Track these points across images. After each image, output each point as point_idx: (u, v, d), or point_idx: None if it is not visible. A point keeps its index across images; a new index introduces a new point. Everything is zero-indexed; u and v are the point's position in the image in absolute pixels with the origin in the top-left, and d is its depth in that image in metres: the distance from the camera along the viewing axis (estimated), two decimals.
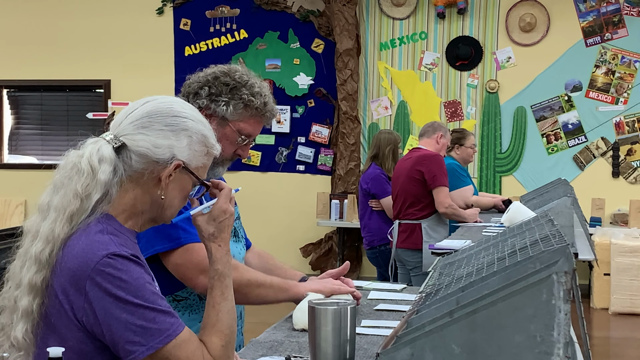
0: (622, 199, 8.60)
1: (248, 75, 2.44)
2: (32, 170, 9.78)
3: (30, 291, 1.65)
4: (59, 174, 1.72)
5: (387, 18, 9.20)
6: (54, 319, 1.66)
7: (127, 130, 1.74)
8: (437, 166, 5.64)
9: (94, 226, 1.69)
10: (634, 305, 7.53)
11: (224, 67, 2.45)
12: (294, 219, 9.35)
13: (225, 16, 9.48)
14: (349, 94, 9.04)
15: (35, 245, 1.67)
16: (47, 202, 1.71)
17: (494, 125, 8.99)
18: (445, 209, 5.62)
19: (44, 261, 1.65)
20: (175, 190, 1.78)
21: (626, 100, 8.75)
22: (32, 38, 9.75)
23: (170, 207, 1.80)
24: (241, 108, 2.39)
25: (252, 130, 2.44)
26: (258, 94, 2.40)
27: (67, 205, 1.68)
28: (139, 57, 9.55)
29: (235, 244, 2.52)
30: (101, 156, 1.70)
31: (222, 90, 2.38)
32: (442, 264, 2.32)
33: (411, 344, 1.31)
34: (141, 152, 1.73)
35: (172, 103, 1.80)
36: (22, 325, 1.65)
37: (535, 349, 1.25)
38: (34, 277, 1.65)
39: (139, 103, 1.79)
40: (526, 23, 8.89)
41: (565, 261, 1.27)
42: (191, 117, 1.80)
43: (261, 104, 2.41)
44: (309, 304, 1.84)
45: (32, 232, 1.71)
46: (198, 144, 1.79)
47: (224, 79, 2.39)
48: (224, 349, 1.73)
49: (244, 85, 2.39)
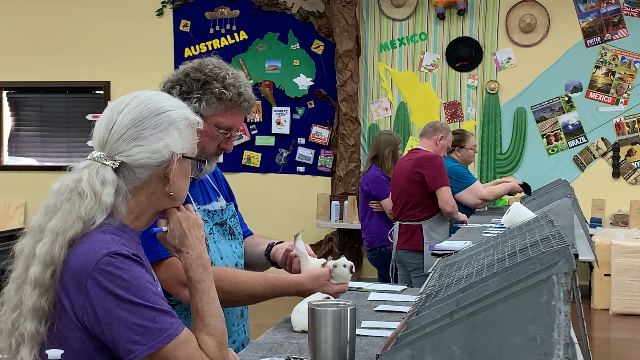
0: (622, 199, 8.59)
1: (220, 67, 2.38)
2: (32, 172, 9.79)
3: (34, 315, 1.64)
4: (53, 198, 1.71)
5: (387, 19, 9.20)
6: (55, 322, 1.65)
7: (121, 148, 1.73)
8: (436, 167, 5.62)
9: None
10: (634, 306, 7.52)
11: (195, 62, 2.41)
12: (294, 220, 9.34)
13: (225, 17, 9.48)
14: (349, 95, 9.04)
15: (33, 269, 1.65)
16: (38, 224, 1.70)
17: (494, 126, 8.98)
18: (452, 207, 5.61)
19: (47, 283, 1.64)
20: (180, 178, 1.81)
21: (626, 100, 8.74)
22: (32, 40, 9.75)
23: (179, 196, 1.82)
24: (214, 102, 2.34)
25: (230, 123, 2.39)
26: (231, 86, 2.35)
27: (69, 228, 1.66)
28: (139, 58, 9.55)
29: (229, 242, 2.50)
30: (103, 179, 1.70)
31: (193, 86, 2.34)
32: (442, 265, 2.32)
33: (411, 346, 1.31)
34: (142, 164, 1.74)
35: (148, 101, 1.79)
36: (28, 351, 1.64)
37: (535, 350, 1.25)
38: (39, 301, 1.63)
39: (114, 113, 1.78)
40: (526, 24, 8.89)
41: (566, 262, 1.27)
42: (170, 107, 1.81)
43: (235, 95, 2.35)
44: (309, 305, 1.84)
45: (25, 255, 1.69)
46: (186, 129, 1.81)
47: (194, 75, 2.35)
48: (218, 349, 1.74)
49: (215, 78, 2.34)
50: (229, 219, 2.53)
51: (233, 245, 2.52)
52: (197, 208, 2.41)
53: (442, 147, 5.82)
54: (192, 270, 1.80)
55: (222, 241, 2.47)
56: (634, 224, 8.17)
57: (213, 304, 1.79)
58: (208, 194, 2.51)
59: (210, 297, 1.79)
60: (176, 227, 1.81)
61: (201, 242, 1.83)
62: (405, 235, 5.75)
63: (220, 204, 2.53)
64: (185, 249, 1.81)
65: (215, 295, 1.80)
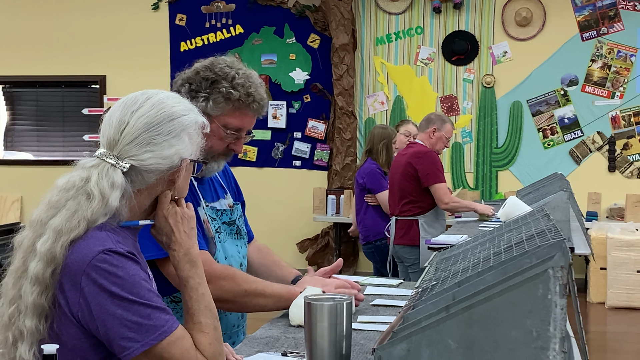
0: (618, 193, 8.61)
1: (232, 66, 2.33)
2: (27, 166, 9.78)
3: (34, 312, 1.63)
4: (58, 194, 1.69)
5: (383, 13, 9.19)
6: (55, 319, 1.65)
7: (132, 151, 1.71)
8: (429, 164, 5.60)
9: None
10: (630, 300, 7.54)
11: (208, 60, 2.35)
12: (290, 214, 9.35)
13: (220, 11, 9.47)
14: (345, 89, 9.03)
15: (34, 266, 1.63)
16: (40, 219, 1.68)
17: (490, 120, 8.98)
18: (445, 205, 5.61)
19: (47, 281, 1.63)
20: (185, 181, 1.81)
21: (622, 94, 8.75)
22: (28, 34, 9.73)
23: (182, 196, 1.82)
24: (222, 102, 2.29)
25: (239, 124, 2.33)
26: (239, 86, 2.29)
27: (73, 229, 1.65)
28: (135, 52, 9.53)
29: (234, 242, 2.47)
30: (112, 182, 1.68)
31: (202, 85, 2.29)
32: (439, 259, 2.32)
33: (407, 340, 1.31)
34: (151, 169, 1.73)
35: (162, 105, 1.77)
36: (27, 347, 1.63)
37: (531, 344, 1.25)
38: (39, 299, 1.63)
39: (126, 113, 1.74)
40: (522, 17, 8.89)
41: (562, 256, 1.27)
42: (182, 112, 1.79)
43: (244, 96, 2.29)
44: (305, 299, 1.84)
45: (23, 248, 1.68)
46: (196, 135, 1.81)
47: (204, 73, 2.30)
48: (212, 346, 1.73)
49: (224, 78, 2.29)
50: (237, 219, 2.50)
51: (239, 245, 2.49)
52: (205, 205, 2.39)
53: (438, 139, 5.77)
54: (180, 268, 1.78)
55: (229, 240, 2.44)
56: (630, 217, 8.19)
57: (202, 301, 1.77)
58: (216, 192, 2.48)
59: (199, 293, 1.77)
60: (163, 225, 1.79)
61: (190, 237, 1.80)
62: (402, 230, 5.75)
63: (227, 202, 2.49)
64: (173, 245, 1.79)
65: (205, 292, 1.78)
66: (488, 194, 8.97)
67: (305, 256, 9.21)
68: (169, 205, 1.79)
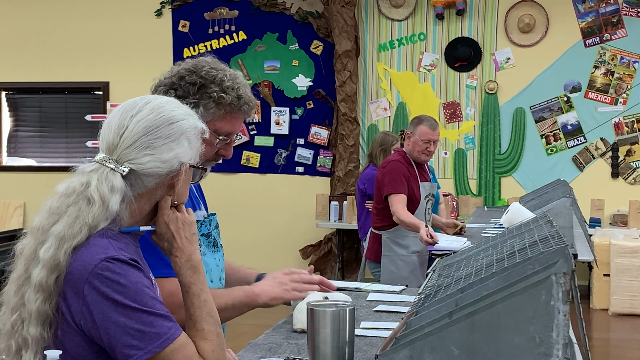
0: (621, 199, 8.59)
1: (217, 68, 2.23)
2: (30, 173, 9.78)
3: (39, 320, 1.63)
4: (58, 200, 1.69)
5: (385, 19, 9.19)
6: (59, 327, 1.65)
7: (131, 155, 1.72)
8: (386, 172, 5.18)
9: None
10: (633, 306, 7.52)
11: (189, 63, 2.25)
12: (293, 220, 9.34)
13: (224, 18, 9.48)
14: (347, 96, 9.03)
15: (38, 273, 1.63)
16: (42, 226, 1.68)
17: (493, 126, 8.98)
18: (396, 218, 5.07)
19: (51, 288, 1.63)
20: (184, 186, 1.81)
21: (625, 100, 8.74)
22: (31, 40, 9.74)
23: (182, 202, 1.82)
24: (213, 107, 2.20)
25: (230, 128, 2.25)
26: (229, 89, 2.20)
27: (76, 235, 1.65)
28: (138, 59, 9.54)
29: (213, 254, 2.38)
30: (112, 186, 1.68)
31: (189, 91, 2.19)
32: (441, 265, 2.31)
33: (410, 346, 1.31)
34: (151, 173, 1.73)
35: (161, 109, 1.77)
36: (32, 355, 1.63)
37: (534, 350, 1.24)
38: (43, 306, 1.62)
39: (125, 117, 1.74)
40: (525, 24, 8.89)
41: (564, 262, 1.27)
42: (182, 116, 1.80)
43: (234, 99, 2.20)
44: (308, 305, 1.84)
45: (25, 256, 1.68)
46: (195, 139, 1.81)
47: (190, 78, 2.20)
48: (215, 353, 1.72)
49: (212, 81, 2.19)
50: (213, 230, 2.41)
51: (217, 258, 2.39)
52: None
53: (413, 143, 5.21)
54: (181, 275, 1.78)
55: (208, 254, 2.35)
56: (633, 224, 8.18)
57: (204, 307, 1.76)
58: (193, 203, 2.37)
59: (201, 300, 1.76)
60: (164, 231, 1.79)
61: (191, 243, 1.80)
62: (369, 243, 5.45)
63: (202, 213, 2.40)
64: (174, 252, 1.78)
65: (207, 298, 1.77)
66: (491, 200, 8.97)
67: (308, 262, 9.19)
68: (169, 211, 1.79)
